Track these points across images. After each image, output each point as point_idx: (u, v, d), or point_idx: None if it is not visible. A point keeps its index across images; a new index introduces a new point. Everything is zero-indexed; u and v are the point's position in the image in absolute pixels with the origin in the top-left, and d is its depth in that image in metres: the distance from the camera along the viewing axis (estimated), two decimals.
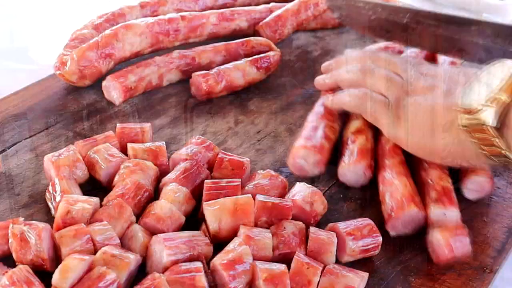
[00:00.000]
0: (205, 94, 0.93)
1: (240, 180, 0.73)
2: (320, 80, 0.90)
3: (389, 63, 0.83)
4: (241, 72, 0.95)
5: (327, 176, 0.80)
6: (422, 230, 0.72)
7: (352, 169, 0.78)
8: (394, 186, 0.74)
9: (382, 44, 1.02)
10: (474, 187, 0.77)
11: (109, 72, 0.94)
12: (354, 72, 0.84)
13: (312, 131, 0.81)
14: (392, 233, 0.72)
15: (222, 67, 0.95)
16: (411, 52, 0.98)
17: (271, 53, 0.99)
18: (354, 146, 0.80)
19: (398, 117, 0.76)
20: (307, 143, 0.79)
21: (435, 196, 0.73)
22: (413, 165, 0.79)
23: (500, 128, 0.64)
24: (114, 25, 0.99)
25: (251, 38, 1.02)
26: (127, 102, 0.93)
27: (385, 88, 0.79)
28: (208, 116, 0.91)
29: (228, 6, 1.12)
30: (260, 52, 1.00)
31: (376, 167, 0.79)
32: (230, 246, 0.65)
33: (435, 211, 0.71)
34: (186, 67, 0.96)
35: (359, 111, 0.82)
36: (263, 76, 0.98)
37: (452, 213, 0.71)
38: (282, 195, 0.74)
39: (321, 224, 0.72)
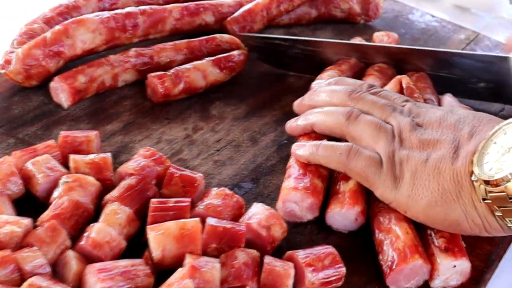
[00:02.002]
0: (162, 97, 0.85)
1: (189, 199, 0.65)
2: (292, 124, 0.77)
3: (374, 105, 0.71)
4: (201, 73, 0.87)
5: None
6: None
7: (343, 214, 0.68)
8: (393, 233, 0.64)
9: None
10: None
11: (59, 71, 0.86)
12: (333, 118, 0.71)
13: (302, 169, 0.71)
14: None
15: (181, 67, 0.87)
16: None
17: (236, 52, 0.91)
18: (346, 187, 0.69)
19: (395, 177, 0.64)
20: (298, 184, 0.69)
21: (442, 244, 0.63)
22: None
23: None
24: (68, 18, 0.91)
25: (216, 35, 0.93)
26: (77, 105, 0.85)
27: (373, 140, 0.67)
28: (164, 122, 0.83)
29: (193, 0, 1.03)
30: (225, 51, 0.92)
31: (369, 208, 0.70)
32: (172, 278, 0.57)
33: (444, 263, 0.62)
34: (143, 67, 0.88)
35: (343, 168, 0.68)
36: (227, 77, 0.90)
37: (463, 265, 0.63)
38: (237, 217, 0.66)
39: (281, 249, 0.65)
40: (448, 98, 0.83)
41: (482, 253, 0.67)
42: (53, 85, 0.84)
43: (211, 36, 0.93)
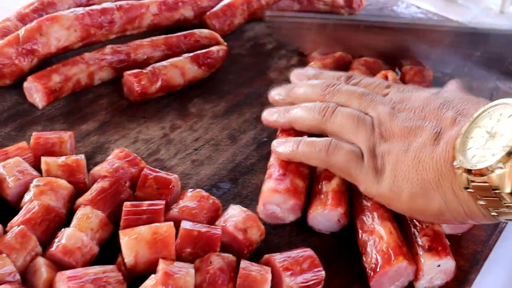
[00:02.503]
0: (139, 95, 0.82)
1: (164, 202, 0.64)
2: (268, 118, 0.74)
3: (351, 96, 0.68)
4: (179, 70, 0.85)
5: None
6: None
7: (325, 215, 0.66)
8: (376, 234, 0.62)
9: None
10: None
11: (33, 70, 0.83)
12: (310, 115, 0.68)
13: (282, 169, 0.69)
14: None
15: (158, 64, 0.85)
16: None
17: (215, 48, 0.89)
18: (329, 187, 0.67)
19: (376, 170, 0.61)
20: (278, 186, 0.67)
21: (426, 243, 0.61)
22: None
23: None
24: (43, 15, 0.88)
25: (195, 30, 0.91)
26: (52, 104, 0.83)
27: (352, 133, 0.65)
28: (141, 121, 0.81)
29: None
30: (205, 46, 0.89)
31: (352, 207, 0.68)
32: (144, 286, 0.56)
33: (428, 263, 0.60)
34: (119, 64, 0.86)
35: (325, 165, 0.66)
36: (206, 74, 0.88)
37: (448, 264, 0.61)
38: (213, 219, 0.64)
39: (259, 251, 0.63)
40: (452, 84, 0.75)
41: (467, 253, 0.65)
42: (27, 85, 0.82)
43: (190, 31, 0.91)
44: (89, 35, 0.87)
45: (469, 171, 0.53)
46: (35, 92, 0.81)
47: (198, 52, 0.88)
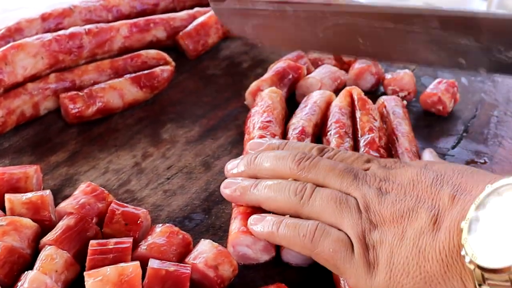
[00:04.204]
0: (75, 118, 0.80)
1: (131, 240, 0.61)
2: (231, 193, 0.66)
3: (330, 173, 0.60)
4: (118, 92, 0.82)
5: None
6: None
7: None
8: None
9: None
10: None
11: None
12: (283, 197, 0.61)
13: (249, 207, 0.65)
14: None
15: (95, 86, 0.82)
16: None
17: (158, 69, 0.86)
18: None
19: (369, 264, 0.53)
20: (245, 227, 0.63)
21: None
22: None
23: None
24: (11, 42, 0.85)
25: (142, 51, 0.88)
26: (21, 134, 0.80)
27: (335, 218, 0.57)
28: (112, 149, 0.78)
29: (148, 13, 0.98)
30: (153, 68, 0.87)
31: None
32: None
33: None
34: (65, 92, 0.82)
35: (308, 253, 0.58)
36: (148, 96, 0.85)
37: None
38: (184, 255, 0.62)
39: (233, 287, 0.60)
40: (427, 155, 0.72)
41: None
42: None
43: (136, 53, 0.88)
44: (58, 62, 0.84)
45: (484, 269, 0.46)
46: None
47: (140, 73, 0.85)
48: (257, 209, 0.64)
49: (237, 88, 0.89)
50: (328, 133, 0.75)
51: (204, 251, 0.60)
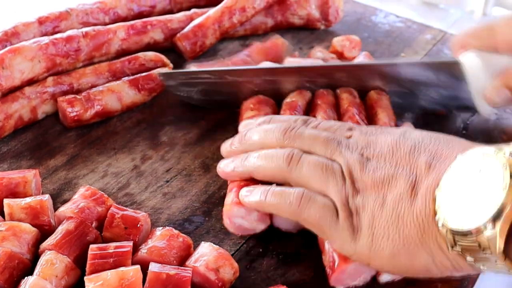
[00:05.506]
0: (73, 122, 0.80)
1: (131, 244, 0.61)
2: (225, 169, 0.68)
3: (315, 141, 0.63)
4: (116, 95, 0.82)
5: None
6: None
7: None
8: None
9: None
10: None
11: None
12: (273, 163, 0.62)
13: (243, 180, 0.66)
14: (339, 287, 0.61)
15: (93, 89, 0.81)
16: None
17: (155, 71, 0.85)
18: None
19: (353, 228, 0.56)
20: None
21: None
22: None
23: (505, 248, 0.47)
24: (7, 46, 0.85)
25: (139, 53, 0.88)
26: (19, 139, 0.80)
27: (321, 184, 0.59)
28: (111, 153, 0.78)
29: (145, 15, 0.98)
30: (151, 70, 0.86)
31: None
32: None
33: None
34: (63, 96, 0.82)
35: (295, 218, 0.60)
36: (146, 98, 0.85)
37: None
38: (185, 258, 0.62)
39: None
40: (406, 125, 0.75)
41: None
42: None
43: (134, 55, 0.87)
44: (55, 65, 0.84)
45: (454, 231, 0.49)
46: None
47: (138, 75, 0.85)
48: (250, 182, 0.66)
49: None
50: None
51: (205, 254, 0.60)
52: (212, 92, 0.82)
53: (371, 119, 0.77)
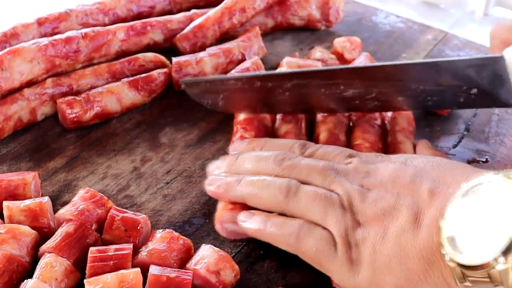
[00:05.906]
0: (72, 123, 0.79)
1: (131, 246, 0.60)
2: (215, 190, 0.66)
3: (312, 171, 0.61)
4: (115, 96, 0.81)
5: None
6: None
7: None
8: None
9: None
10: None
11: None
12: (269, 193, 0.61)
13: None
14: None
15: (93, 91, 0.81)
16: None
17: (155, 72, 0.85)
18: None
19: (352, 261, 0.54)
20: (229, 204, 0.65)
21: None
22: None
23: None
24: (7, 47, 0.84)
25: (139, 54, 0.87)
26: (18, 140, 0.79)
27: (319, 216, 0.57)
28: (111, 154, 0.78)
29: (144, 16, 0.97)
30: (151, 71, 0.86)
31: None
32: None
33: None
34: (62, 97, 0.81)
35: (294, 251, 0.59)
36: (146, 100, 0.85)
37: None
38: (185, 261, 0.61)
39: None
40: (422, 144, 0.73)
41: None
42: None
43: (133, 56, 0.87)
44: (54, 66, 0.84)
45: (463, 266, 0.46)
46: None
47: (137, 76, 0.84)
48: None
49: None
50: None
51: (206, 256, 0.60)
52: (238, 99, 0.79)
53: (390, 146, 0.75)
